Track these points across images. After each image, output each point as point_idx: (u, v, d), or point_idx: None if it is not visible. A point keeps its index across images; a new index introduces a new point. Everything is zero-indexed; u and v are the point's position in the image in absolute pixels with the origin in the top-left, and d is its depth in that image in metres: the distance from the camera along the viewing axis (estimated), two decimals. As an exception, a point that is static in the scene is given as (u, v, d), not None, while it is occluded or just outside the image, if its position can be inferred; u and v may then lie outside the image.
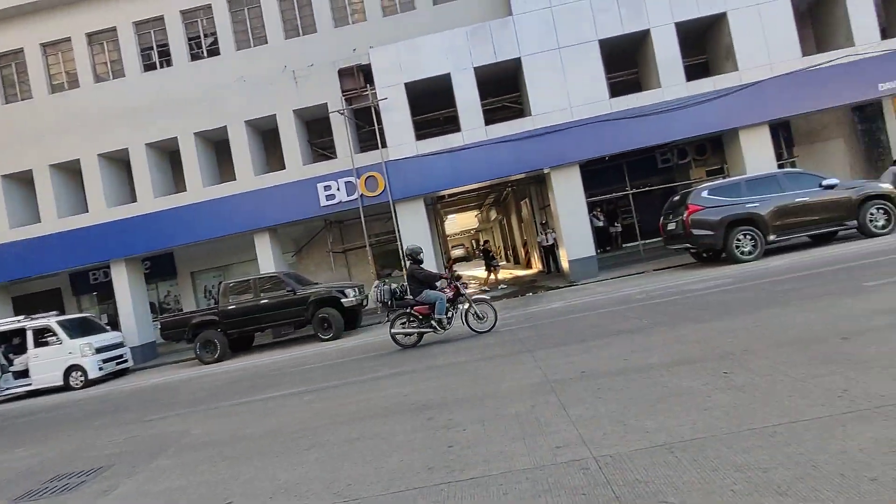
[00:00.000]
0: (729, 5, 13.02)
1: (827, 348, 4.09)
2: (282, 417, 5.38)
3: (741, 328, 5.30)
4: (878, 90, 12.77)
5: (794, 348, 4.25)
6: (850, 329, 4.47)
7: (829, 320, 4.92)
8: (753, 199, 10.41)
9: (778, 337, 4.70)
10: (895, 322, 4.43)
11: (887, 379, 3.25)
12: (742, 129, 13.09)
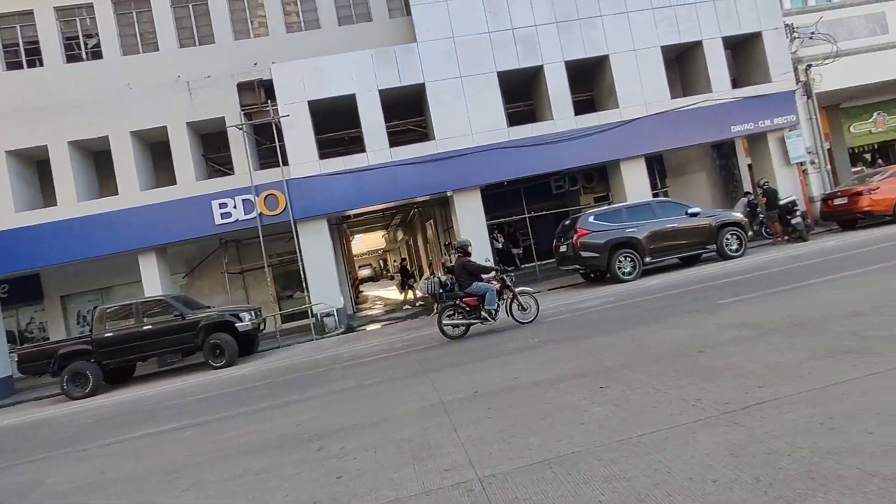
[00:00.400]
0: (610, 49, 14.41)
1: (687, 361, 4.58)
2: (158, 456, 4.93)
3: (619, 344, 5.78)
4: (731, 131, 14.74)
5: (662, 362, 4.71)
6: (706, 343, 5.05)
7: (690, 335, 5.51)
8: (632, 225, 11.48)
9: (649, 352, 5.18)
10: (740, 336, 5.06)
11: (731, 388, 3.70)
12: (623, 160, 14.42)
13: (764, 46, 14.94)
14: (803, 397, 3.24)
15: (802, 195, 14.75)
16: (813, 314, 5.32)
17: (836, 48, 14.81)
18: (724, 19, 14.84)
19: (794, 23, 15.24)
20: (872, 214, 12.47)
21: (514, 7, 14.22)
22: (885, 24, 15.76)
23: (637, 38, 14.50)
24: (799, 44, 15.06)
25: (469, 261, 8.47)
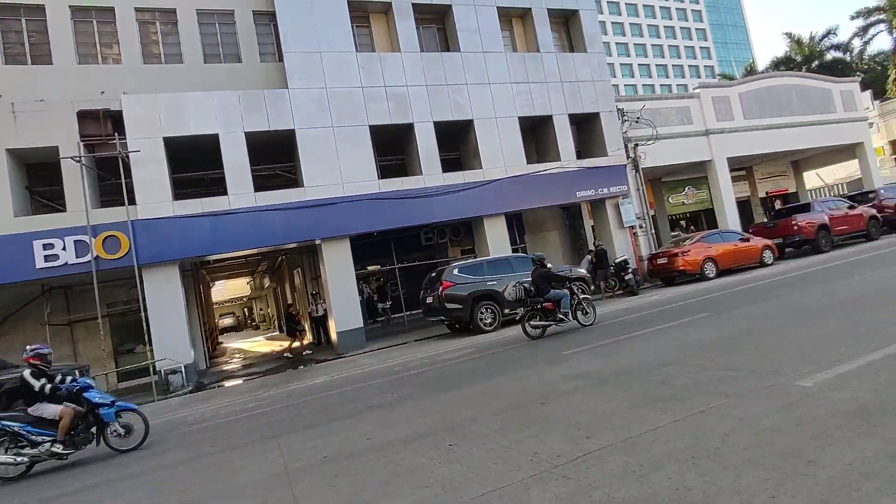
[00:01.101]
0: (475, 115, 15.66)
1: (531, 413, 4.90)
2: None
3: (473, 396, 6.03)
4: (577, 196, 16.68)
5: (508, 415, 4.99)
6: (548, 394, 5.47)
7: (535, 386, 5.94)
8: (493, 278, 12.25)
9: (498, 404, 5.47)
10: (579, 385, 5.57)
11: (564, 440, 4.03)
12: (486, 217, 15.47)
13: (602, 125, 17.37)
14: (621, 447, 3.63)
15: (633, 254, 17.01)
16: (634, 364, 6.07)
17: (655, 132, 17.72)
18: (570, 99, 17.03)
19: (625, 108, 18.00)
20: (685, 273, 14.77)
21: (387, 66, 14.89)
22: (690, 116, 19.29)
23: (498, 107, 15.98)
24: (628, 126, 17.76)
25: (548, 271, 9.82)
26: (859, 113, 23.61)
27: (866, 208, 17.63)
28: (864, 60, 36.35)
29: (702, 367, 5.35)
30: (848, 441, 3.06)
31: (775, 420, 3.57)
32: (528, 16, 17.27)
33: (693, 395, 4.47)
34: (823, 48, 36.10)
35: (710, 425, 3.72)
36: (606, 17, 69.15)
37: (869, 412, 3.43)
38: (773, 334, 6.38)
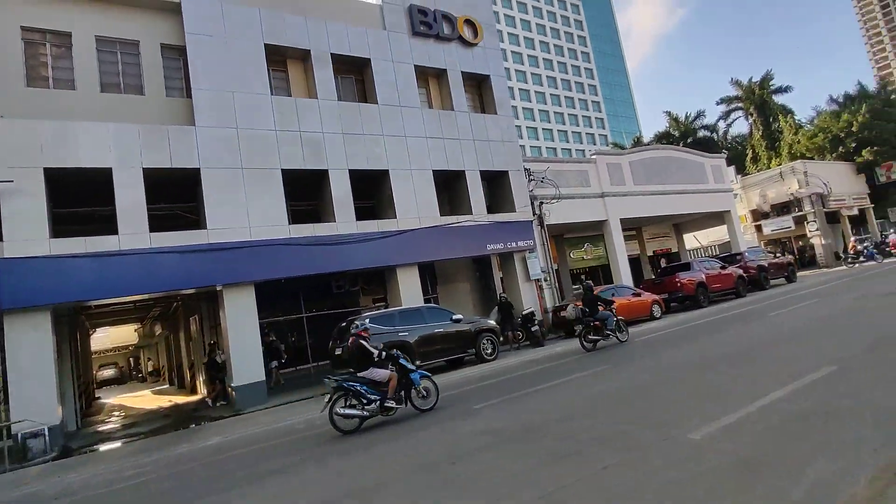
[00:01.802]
0: (391, 165, 15.92)
1: (441, 474, 4.80)
2: None
3: (381, 457, 5.80)
4: (487, 249, 17.28)
5: (418, 477, 4.85)
6: (458, 453, 5.39)
7: (445, 445, 5.84)
8: (405, 328, 12.14)
9: (408, 465, 5.30)
10: (489, 443, 5.55)
11: (479, 500, 3.99)
12: (399, 266, 15.48)
13: (510, 183, 18.38)
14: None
15: (539, 307, 17.77)
16: (542, 419, 6.20)
17: (558, 192, 19.05)
18: (481, 157, 17.92)
19: (532, 168, 19.24)
20: (586, 325, 15.62)
21: (303, 112, 14.81)
22: (588, 179, 21.04)
23: (413, 159, 16.39)
24: (535, 185, 18.95)
25: (597, 295, 12.03)
26: (726, 185, 27.20)
27: (735, 268, 20.00)
28: (727, 140, 42.19)
29: (604, 421, 5.60)
30: (735, 493, 3.32)
31: (671, 475, 3.80)
32: (444, 76, 18.19)
33: (596, 451, 4.64)
34: (696, 127, 41.48)
35: (613, 482, 3.87)
36: (515, 84, 74.68)
37: (749, 463, 3.76)
38: (666, 387, 6.88)
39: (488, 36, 19.36)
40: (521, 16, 79.64)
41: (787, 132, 36.57)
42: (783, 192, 30.87)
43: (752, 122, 39.52)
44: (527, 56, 78.58)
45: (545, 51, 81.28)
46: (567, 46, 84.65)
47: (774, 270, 21.81)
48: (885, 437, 3.83)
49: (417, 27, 17.46)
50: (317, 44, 15.46)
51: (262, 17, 14.67)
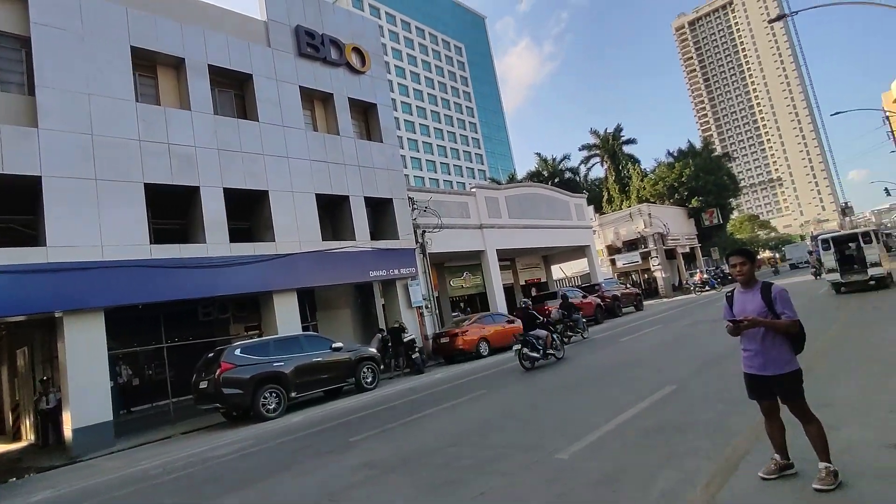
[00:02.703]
0: (271, 186, 15.25)
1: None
2: None
3: (252, 500, 5.41)
4: (370, 276, 17.18)
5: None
6: (337, 489, 5.21)
7: (321, 481, 5.61)
8: (280, 358, 11.50)
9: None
10: (369, 476, 5.44)
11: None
12: (276, 292, 14.72)
13: (394, 211, 18.60)
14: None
15: (420, 334, 17.99)
16: (422, 448, 6.24)
17: (440, 222, 19.69)
18: (366, 183, 17.95)
19: (415, 197, 19.69)
20: (463, 352, 16.14)
21: (174, 123, 13.68)
22: (468, 211, 22.06)
23: (296, 181, 15.89)
24: (418, 214, 19.39)
25: (571, 303, 16.49)
26: (587, 222, 30.23)
27: (594, 297, 22.15)
28: (588, 182, 47.11)
29: (481, 447, 5.81)
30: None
31: (542, 496, 4.06)
32: (331, 100, 18.05)
33: (474, 477, 4.80)
34: (562, 169, 45.74)
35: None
36: (400, 115, 76.29)
37: (610, 478, 4.18)
38: (536, 410, 7.35)
39: (376, 65, 19.69)
40: (407, 51, 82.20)
41: (635, 178, 41.94)
42: (632, 231, 35.15)
43: (607, 167, 44.70)
44: (412, 89, 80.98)
45: (430, 86, 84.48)
46: (450, 84, 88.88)
47: (626, 299, 24.57)
48: (713, 446, 4.51)
49: (304, 48, 17.20)
50: (192, 52, 14.48)
51: (131, 18, 13.41)
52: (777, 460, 3.68)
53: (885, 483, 3.33)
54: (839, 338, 8.90)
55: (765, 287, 3.66)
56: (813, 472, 3.46)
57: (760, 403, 3.71)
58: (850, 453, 3.81)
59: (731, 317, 3.75)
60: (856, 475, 3.45)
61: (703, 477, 3.88)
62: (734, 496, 3.50)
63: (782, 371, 3.55)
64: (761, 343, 3.62)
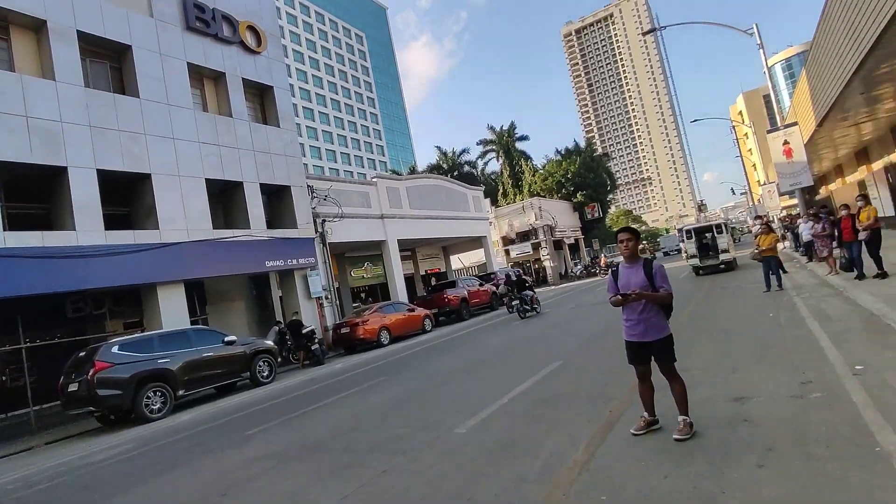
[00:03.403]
0: (154, 169, 14.01)
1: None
2: None
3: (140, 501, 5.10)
4: (266, 266, 16.46)
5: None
6: (231, 482, 5.04)
7: (214, 477, 5.40)
8: (166, 355, 10.72)
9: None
10: (266, 467, 5.33)
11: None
12: (160, 284, 13.61)
13: (293, 199, 17.98)
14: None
15: (320, 325, 17.65)
16: (322, 435, 6.23)
17: (341, 211, 19.39)
18: (262, 169, 17.14)
19: (315, 185, 19.18)
20: (364, 341, 16.15)
21: (33, 93, 12.04)
22: (369, 201, 21.94)
23: (183, 165, 14.75)
24: (317, 202, 18.92)
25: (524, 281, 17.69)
26: (483, 214, 31.42)
27: (490, 286, 23.21)
28: (485, 175, 48.87)
29: (382, 430, 5.95)
30: (492, 474, 4.00)
31: (443, 468, 4.31)
32: (223, 80, 16.94)
33: (375, 458, 4.92)
34: (461, 162, 46.97)
35: (392, 484, 4.18)
36: (299, 102, 73.26)
37: (503, 447, 4.55)
38: (436, 391, 7.67)
39: (272, 46, 18.79)
40: (306, 35, 78.97)
41: (527, 173, 44.30)
42: (525, 223, 37.17)
43: (502, 162, 46.70)
44: (312, 75, 78.07)
45: (330, 73, 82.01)
46: (351, 73, 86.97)
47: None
48: (594, 411, 5.08)
49: (193, 22, 15.94)
50: (57, 15, 12.81)
51: (-27, -33, 11.54)
52: (646, 417, 4.25)
53: (727, 428, 4.02)
54: (695, 313, 10.27)
55: (647, 263, 4.16)
56: (673, 427, 4.07)
57: (637, 368, 4.23)
58: (702, 407, 4.51)
59: (616, 290, 4.21)
60: (706, 425, 4.11)
61: (584, 438, 4.38)
62: (610, 451, 4.01)
63: (660, 336, 4.08)
64: (641, 313, 4.11)
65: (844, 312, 7.73)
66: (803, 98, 19.43)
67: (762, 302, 10.20)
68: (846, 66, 11.62)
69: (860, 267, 9.81)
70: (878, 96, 14.67)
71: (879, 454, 3.17)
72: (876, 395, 4.15)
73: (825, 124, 16.69)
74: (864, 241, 9.55)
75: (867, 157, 23.60)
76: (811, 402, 4.24)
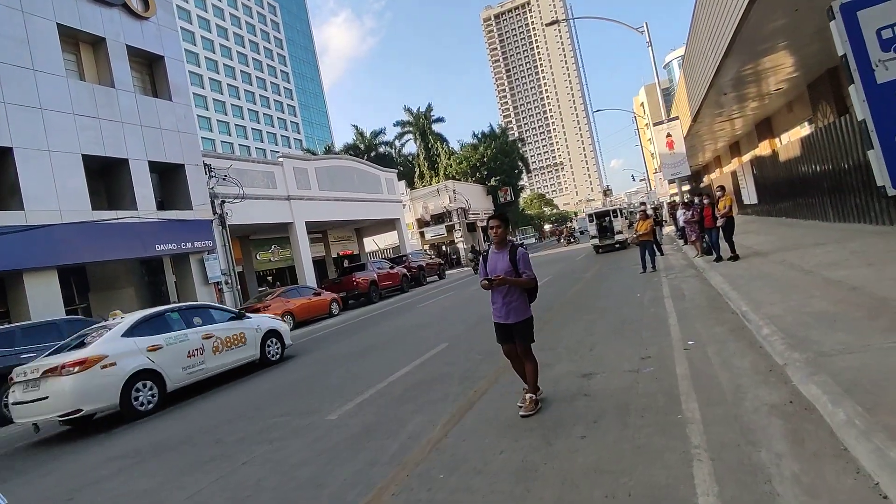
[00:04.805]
0: (16, 143, 12.52)
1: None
2: None
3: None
4: (157, 250, 15.38)
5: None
6: (82, 483, 4.81)
7: (64, 480, 5.08)
8: (28, 349, 9.77)
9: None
10: (123, 466, 5.09)
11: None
12: (27, 271, 12.33)
13: (187, 177, 16.86)
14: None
15: (219, 311, 16.84)
16: (190, 430, 6.04)
17: (242, 191, 18.49)
18: (151, 146, 15.87)
19: (212, 164, 18.10)
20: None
21: None
22: (274, 181, 21.10)
23: (53, 138, 13.31)
24: (215, 182, 17.89)
25: None
26: (397, 196, 31.34)
27: (401, 268, 23.32)
28: (401, 157, 48.56)
29: (255, 420, 5.87)
30: (351, 455, 4.12)
31: (303, 455, 4.35)
32: (102, 46, 15.38)
33: (241, 449, 4.88)
34: (378, 143, 46.28)
35: (249, 474, 4.18)
36: (205, 73, 68.31)
37: (368, 430, 4.69)
38: (323, 376, 7.66)
39: (163, 12, 17.32)
40: (213, 1, 73.10)
41: (443, 156, 44.63)
42: (440, 206, 37.56)
43: (419, 144, 46.64)
44: (219, 45, 72.66)
45: (240, 44, 76.84)
46: (263, 45, 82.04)
47: (430, 269, 26.41)
48: (462, 391, 5.35)
49: (61, -22, 14.27)
50: None
51: None
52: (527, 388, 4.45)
53: (568, 402, 4.39)
54: (580, 291, 11.06)
55: (512, 249, 4.39)
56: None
57: (503, 347, 4.49)
58: (555, 384, 4.89)
59: (486, 274, 4.40)
60: (552, 400, 4.47)
61: (445, 417, 4.62)
62: (463, 429, 4.24)
63: (520, 319, 4.33)
64: (505, 297, 4.34)
65: (697, 292, 8.66)
66: (682, 95, 21.20)
67: (636, 282, 11.16)
68: (710, 67, 12.83)
69: (718, 250, 10.99)
70: (745, 95, 16.36)
71: (679, 421, 3.64)
72: (696, 367, 4.72)
73: (700, 119, 18.35)
74: (721, 227, 10.68)
75: (739, 151, 26.29)
76: (642, 377, 4.74)
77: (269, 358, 9.69)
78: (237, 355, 9.00)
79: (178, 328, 8.24)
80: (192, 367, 8.11)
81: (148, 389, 7.43)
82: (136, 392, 7.28)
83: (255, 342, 9.42)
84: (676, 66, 75.99)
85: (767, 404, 3.63)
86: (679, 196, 20.52)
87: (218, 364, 8.57)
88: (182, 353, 8.00)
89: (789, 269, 8.06)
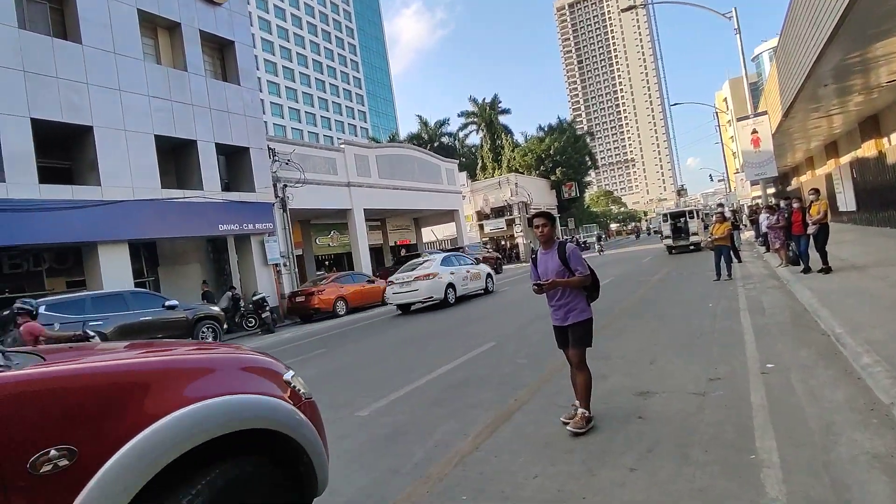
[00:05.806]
0: (96, 122, 13.25)
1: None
2: None
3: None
4: (220, 229, 15.93)
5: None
6: None
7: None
8: (99, 317, 10.31)
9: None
10: None
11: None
12: (101, 243, 13.07)
13: (251, 160, 17.32)
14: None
15: (276, 292, 17.29)
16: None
17: (304, 176, 18.81)
18: (219, 128, 16.40)
19: (276, 148, 18.51)
20: (320, 310, 15.88)
21: (-39, 33, 11.17)
22: (335, 167, 21.34)
23: (130, 119, 13.99)
24: (278, 166, 18.29)
25: None
26: (456, 187, 31.00)
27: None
28: (464, 148, 48.18)
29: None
30: (373, 463, 3.79)
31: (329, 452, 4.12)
32: (178, 31, 16.01)
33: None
34: (441, 133, 46.14)
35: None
36: (278, 60, 70.65)
37: (398, 431, 4.36)
38: (363, 367, 7.46)
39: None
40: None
41: (507, 148, 43.77)
42: (500, 199, 36.86)
43: (483, 136, 46.01)
44: (293, 34, 75.05)
45: (312, 33, 79.01)
46: (335, 34, 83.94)
47: (487, 263, 25.89)
48: (501, 397, 4.90)
49: (145, -35, 14.92)
50: (-16, -53, 11.81)
51: None
52: (577, 405, 3.94)
53: (620, 424, 3.85)
54: (642, 297, 10.21)
55: (560, 246, 3.94)
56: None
57: (565, 351, 4.05)
58: (606, 399, 4.36)
59: (537, 278, 4.00)
60: (602, 419, 3.95)
61: (478, 427, 4.20)
62: (496, 443, 3.82)
63: (578, 320, 3.90)
64: (559, 299, 3.94)
65: (780, 306, 7.68)
66: (773, 88, 19.30)
67: (708, 290, 10.16)
68: (809, 55, 11.42)
69: (806, 261, 9.79)
70: (849, 87, 14.58)
71: (752, 462, 3.02)
72: (775, 396, 4.03)
73: (792, 114, 16.60)
74: (813, 234, 9.49)
75: (836, 151, 23.75)
76: (710, 401, 4.10)
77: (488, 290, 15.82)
78: (477, 284, 15.25)
79: (457, 264, 14.79)
80: (465, 285, 14.62)
81: (452, 291, 13.89)
82: (448, 292, 13.68)
83: (483, 279, 15.60)
84: (767, 59, 70.40)
85: (868, 453, 2.95)
86: (762, 199, 18.77)
87: (472, 287, 14.94)
88: (461, 277, 14.49)
89: (893, 287, 6.95)
